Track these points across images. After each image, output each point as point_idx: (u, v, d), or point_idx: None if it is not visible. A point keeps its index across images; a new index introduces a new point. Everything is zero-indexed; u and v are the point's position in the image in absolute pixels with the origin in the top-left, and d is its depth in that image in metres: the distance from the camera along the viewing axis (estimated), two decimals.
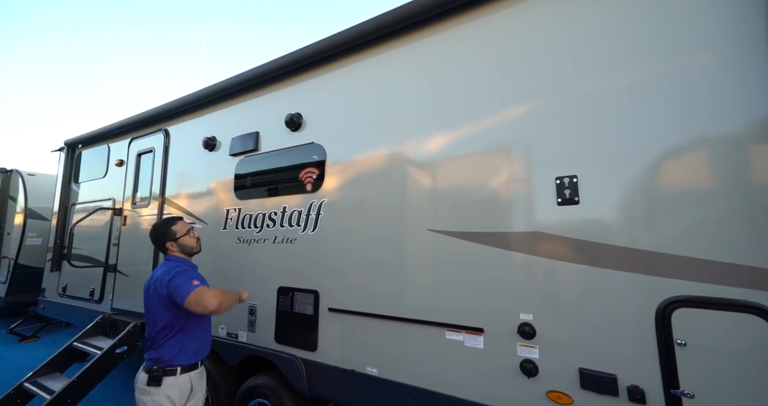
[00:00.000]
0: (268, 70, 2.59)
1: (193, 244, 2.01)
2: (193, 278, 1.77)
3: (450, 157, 1.84)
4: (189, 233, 2.01)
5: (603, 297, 1.39)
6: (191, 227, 2.04)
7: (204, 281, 1.90)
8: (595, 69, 1.54)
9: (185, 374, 1.75)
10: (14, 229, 5.52)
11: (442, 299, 1.75)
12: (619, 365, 1.33)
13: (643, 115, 1.41)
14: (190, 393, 1.77)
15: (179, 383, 1.72)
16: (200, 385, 1.88)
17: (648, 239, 1.34)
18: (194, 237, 2.03)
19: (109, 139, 4.09)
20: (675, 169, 1.34)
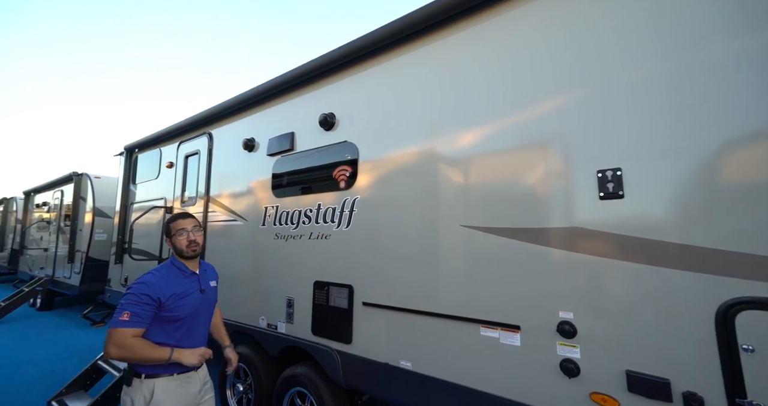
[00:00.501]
0: (302, 72, 2.67)
1: (182, 246, 1.76)
2: (127, 310, 1.52)
3: (483, 152, 1.80)
4: (180, 233, 1.77)
5: (653, 297, 1.30)
6: (185, 228, 1.79)
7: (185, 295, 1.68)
8: (644, 54, 1.43)
9: (150, 380, 1.58)
10: (85, 226, 6.19)
11: (476, 295, 1.73)
12: (672, 369, 1.24)
13: (701, 103, 1.29)
14: (149, 401, 1.55)
15: (141, 388, 1.57)
16: (171, 397, 1.60)
17: (706, 235, 1.23)
18: (186, 239, 1.76)
19: (160, 143, 4.44)
20: (739, 158, 1.22)
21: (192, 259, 1.82)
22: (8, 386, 3.64)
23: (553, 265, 1.53)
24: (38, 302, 7.22)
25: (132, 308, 1.53)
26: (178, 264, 1.79)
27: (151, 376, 1.59)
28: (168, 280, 1.69)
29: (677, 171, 1.31)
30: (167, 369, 1.62)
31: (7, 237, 10.28)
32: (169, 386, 1.62)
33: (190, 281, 1.78)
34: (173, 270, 1.76)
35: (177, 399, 1.62)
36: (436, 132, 1.99)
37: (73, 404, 2.76)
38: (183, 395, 1.65)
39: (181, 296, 1.68)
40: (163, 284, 1.65)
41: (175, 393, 1.62)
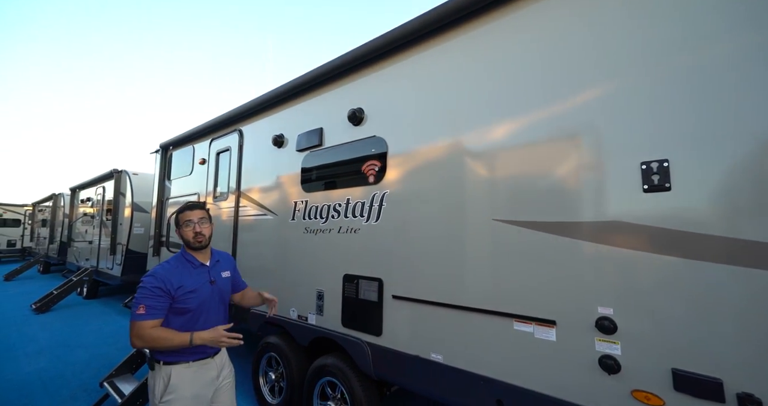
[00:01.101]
0: (330, 68, 2.70)
1: (188, 237, 1.77)
2: (145, 302, 1.58)
3: (516, 144, 1.77)
4: (187, 224, 1.78)
5: (702, 293, 1.25)
6: (192, 219, 1.79)
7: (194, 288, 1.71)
8: (695, 37, 1.35)
9: (167, 366, 1.66)
10: (125, 220, 6.58)
11: (509, 290, 1.71)
12: (725, 369, 1.19)
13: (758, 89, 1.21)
14: (167, 387, 1.62)
15: (161, 374, 1.66)
16: (190, 382, 1.67)
17: (762, 229, 1.16)
18: (192, 231, 1.77)
19: (193, 140, 4.63)
20: None
21: (200, 250, 1.83)
22: (65, 368, 3.97)
23: (591, 260, 1.49)
24: (85, 290, 7.77)
25: (146, 301, 1.59)
26: (187, 256, 1.81)
27: (168, 363, 1.66)
28: (177, 271, 1.72)
29: (731, 161, 1.23)
30: (183, 357, 1.68)
31: (56, 230, 11.09)
32: (185, 372, 1.68)
33: (198, 272, 1.79)
34: (182, 262, 1.78)
35: (193, 384, 1.68)
36: (467, 125, 1.97)
37: (122, 385, 2.98)
38: (199, 380, 1.71)
39: (189, 289, 1.70)
40: (172, 275, 1.68)
41: (191, 379, 1.68)
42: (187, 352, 1.68)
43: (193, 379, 1.69)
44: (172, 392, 1.63)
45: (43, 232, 12.87)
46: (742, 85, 1.24)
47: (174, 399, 1.62)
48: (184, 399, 1.64)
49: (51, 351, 4.50)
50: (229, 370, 1.92)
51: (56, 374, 3.78)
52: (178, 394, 1.63)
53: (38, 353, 4.42)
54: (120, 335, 5.17)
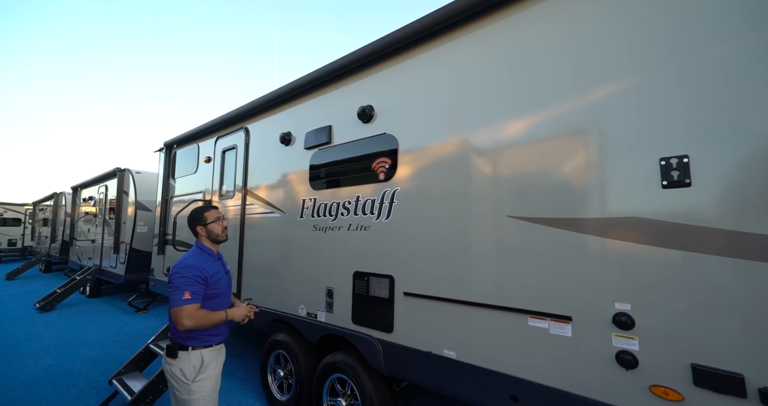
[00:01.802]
0: (340, 65, 2.70)
1: (218, 231, 2.05)
2: (189, 289, 1.78)
3: (531, 141, 1.77)
4: (218, 220, 2.07)
5: (723, 289, 1.25)
6: (220, 216, 2.10)
7: (220, 276, 1.96)
8: (714, 34, 1.34)
9: (197, 351, 1.85)
10: (128, 219, 6.58)
11: (523, 286, 1.72)
12: (746, 364, 1.19)
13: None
14: (200, 367, 1.84)
15: (190, 358, 1.83)
16: (215, 361, 1.93)
17: None
18: (221, 226, 2.07)
19: (198, 139, 4.62)
20: None
21: (220, 243, 2.12)
22: (72, 366, 3.98)
23: (608, 256, 1.49)
24: (88, 289, 7.77)
25: (190, 287, 1.81)
26: (206, 249, 2.04)
27: (198, 347, 1.88)
28: (205, 262, 1.96)
29: (753, 156, 1.24)
30: (212, 340, 1.93)
31: (57, 229, 11.08)
32: (212, 354, 1.93)
33: (217, 263, 2.06)
34: (204, 255, 2.01)
35: (217, 365, 1.96)
36: (481, 122, 1.97)
37: (131, 383, 2.98)
38: (220, 362, 2.00)
39: (218, 276, 1.97)
40: (204, 264, 1.92)
41: (216, 360, 1.95)
42: (213, 335, 1.94)
43: (216, 360, 1.96)
44: (205, 371, 1.86)
45: (44, 231, 12.85)
46: (758, 80, 1.24)
47: (206, 377, 1.86)
48: (211, 378, 1.89)
49: (57, 349, 4.51)
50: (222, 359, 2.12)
51: (64, 372, 3.78)
52: (208, 372, 1.88)
53: (44, 351, 4.42)
54: (125, 334, 5.17)
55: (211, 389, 1.88)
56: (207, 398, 1.86)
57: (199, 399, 1.83)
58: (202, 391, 1.84)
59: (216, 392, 1.93)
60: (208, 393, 1.86)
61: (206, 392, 1.85)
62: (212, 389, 1.89)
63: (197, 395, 1.82)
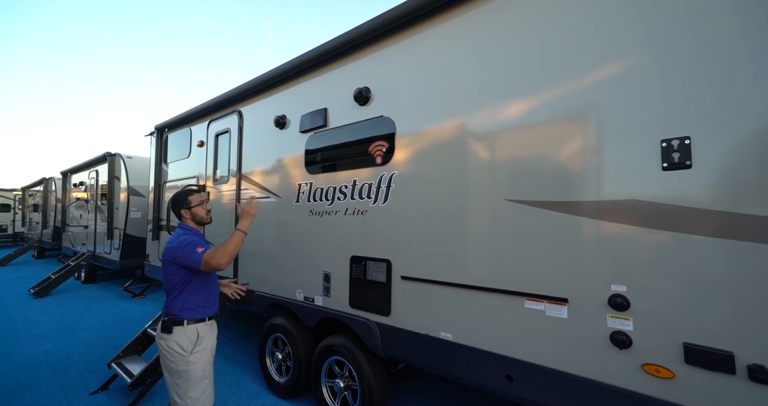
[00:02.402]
0: (335, 45, 2.61)
1: (203, 214, 2.11)
2: (197, 246, 1.92)
3: (531, 124, 1.74)
4: (202, 204, 2.12)
5: (720, 271, 1.26)
6: (204, 200, 2.16)
7: (206, 246, 2.04)
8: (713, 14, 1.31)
9: (192, 325, 1.95)
10: (120, 204, 6.48)
11: (521, 269, 1.73)
12: (737, 342, 1.22)
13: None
14: (197, 340, 1.94)
15: (186, 332, 1.92)
16: (209, 335, 2.03)
17: None
18: (205, 209, 2.13)
19: (190, 122, 4.51)
20: None
21: (204, 225, 2.18)
22: (70, 350, 3.99)
23: (606, 238, 1.50)
24: (83, 275, 7.74)
25: (199, 244, 1.94)
26: (191, 229, 2.10)
27: (193, 321, 1.97)
28: (195, 237, 2.05)
29: (753, 137, 1.22)
30: (205, 313, 2.03)
31: (48, 215, 10.92)
32: (206, 327, 2.02)
33: (206, 242, 2.11)
34: (190, 234, 2.07)
35: (211, 338, 2.07)
36: (480, 104, 1.93)
37: (130, 366, 3.01)
38: (213, 336, 2.10)
39: None
40: (196, 238, 2.03)
41: (210, 333, 2.05)
42: (205, 307, 2.04)
43: (210, 333, 2.06)
44: (201, 343, 1.96)
45: (35, 217, 12.67)
46: (760, 61, 1.22)
47: (203, 349, 1.96)
48: (207, 350, 1.99)
49: (54, 334, 4.52)
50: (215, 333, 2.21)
51: (62, 356, 3.80)
52: (204, 344, 1.97)
53: (42, 336, 4.43)
54: (122, 318, 5.19)
55: (207, 360, 1.98)
56: (205, 369, 1.96)
57: (197, 369, 1.92)
58: (199, 361, 1.93)
59: (211, 365, 2.02)
60: (204, 364, 1.96)
61: (203, 362, 1.95)
62: (208, 361, 1.99)
63: (195, 365, 1.91)
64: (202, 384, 1.94)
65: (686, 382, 1.31)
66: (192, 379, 1.91)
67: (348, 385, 2.54)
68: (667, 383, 1.34)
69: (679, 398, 1.32)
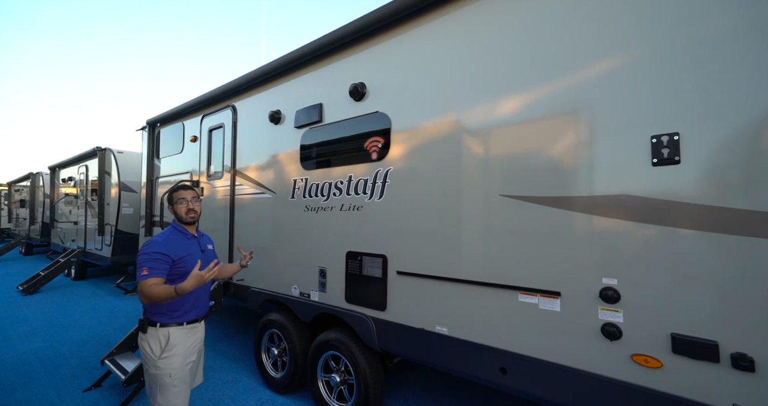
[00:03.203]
0: (330, 40, 2.59)
1: (181, 213, 2.00)
2: (147, 264, 1.77)
3: (525, 120, 1.76)
4: (182, 202, 2.01)
5: (706, 263, 1.30)
6: (186, 197, 2.02)
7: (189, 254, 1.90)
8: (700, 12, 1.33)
9: (164, 328, 1.86)
10: (112, 200, 6.39)
11: (515, 263, 1.76)
12: (721, 332, 1.27)
13: None
14: (166, 345, 1.83)
15: (157, 335, 1.84)
16: (184, 341, 1.89)
17: None
18: (186, 207, 2.00)
19: (182, 117, 4.45)
20: None
21: (190, 224, 2.07)
22: (61, 347, 3.95)
23: (598, 233, 1.53)
24: (73, 272, 7.63)
25: (147, 264, 1.79)
26: (179, 228, 2.04)
27: (165, 325, 1.87)
28: (172, 240, 1.94)
29: (740, 133, 1.26)
30: (179, 318, 1.91)
31: (36, 211, 10.71)
32: (180, 332, 1.90)
33: (191, 242, 2.03)
34: (175, 233, 2.00)
35: (187, 344, 1.93)
36: (475, 100, 1.94)
37: (123, 363, 2.99)
38: (191, 341, 1.96)
39: (184, 253, 1.92)
40: (168, 243, 1.90)
41: (185, 339, 1.92)
42: (182, 312, 1.91)
43: (187, 339, 1.93)
44: (171, 349, 1.85)
45: (21, 212, 12.41)
46: (747, 58, 1.25)
47: (172, 355, 1.85)
48: (179, 356, 1.87)
49: (45, 331, 4.45)
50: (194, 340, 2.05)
51: (53, 354, 3.76)
52: (175, 350, 1.86)
53: (32, 334, 4.37)
54: (114, 315, 5.14)
55: (177, 367, 1.85)
56: (173, 376, 1.84)
57: (164, 375, 1.82)
58: (167, 368, 1.82)
59: (184, 371, 1.88)
60: (174, 371, 1.83)
61: (172, 369, 1.83)
62: (178, 368, 1.85)
63: (162, 371, 1.82)
64: (170, 392, 1.83)
65: (673, 371, 1.35)
66: (159, 385, 1.83)
67: (344, 379, 2.56)
68: (655, 373, 1.39)
69: (666, 386, 1.36)
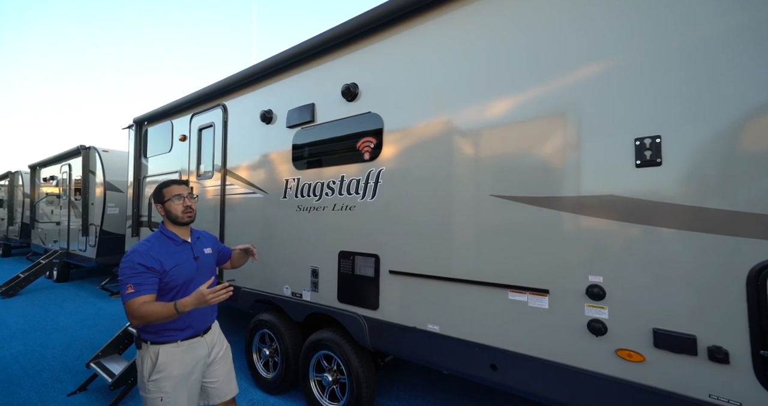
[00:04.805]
0: (323, 40, 2.60)
1: (177, 212, 1.74)
2: (129, 283, 1.53)
3: (515, 121, 1.80)
4: (179, 197, 1.75)
5: (685, 260, 1.36)
6: (183, 193, 1.77)
7: (180, 264, 1.68)
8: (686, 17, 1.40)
9: (155, 346, 1.64)
10: (96, 200, 6.23)
11: (505, 262, 1.80)
12: (699, 326, 1.33)
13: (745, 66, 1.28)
14: (153, 367, 1.61)
15: (148, 353, 1.64)
16: (178, 361, 1.65)
17: (742, 199, 1.27)
18: (183, 204, 1.75)
19: (171, 115, 4.38)
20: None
21: (185, 226, 1.80)
22: (44, 351, 3.84)
23: (585, 232, 1.58)
24: (55, 274, 7.41)
25: (131, 280, 1.54)
26: (168, 233, 1.75)
27: (155, 343, 1.65)
28: (157, 249, 1.67)
29: (717, 136, 1.32)
30: (172, 336, 1.66)
31: (15, 211, 10.36)
32: (174, 352, 1.65)
33: (181, 249, 1.75)
34: (163, 239, 1.73)
35: (183, 364, 1.67)
36: (466, 101, 1.98)
37: (110, 365, 2.93)
38: (189, 359, 1.70)
39: (173, 264, 1.66)
40: (153, 252, 1.63)
41: (180, 358, 1.66)
42: (176, 330, 1.67)
43: (182, 358, 1.68)
44: (161, 371, 1.61)
45: (0, 213, 11.98)
46: (725, 64, 1.32)
47: (162, 378, 1.61)
48: (172, 378, 1.63)
49: (25, 335, 4.32)
50: (221, 347, 1.90)
51: (35, 358, 3.65)
52: (166, 372, 1.62)
53: (11, 337, 4.24)
54: (99, 318, 5.02)
55: (170, 389, 1.61)
56: (166, 400, 1.60)
57: (155, 400, 1.60)
58: (157, 391, 1.60)
59: (180, 393, 1.64)
60: (166, 395, 1.61)
61: (163, 393, 1.60)
62: (172, 390, 1.62)
63: (152, 395, 1.60)
64: None
65: (655, 365, 1.41)
66: None
67: (336, 379, 2.57)
68: (638, 367, 1.44)
69: (648, 380, 1.42)
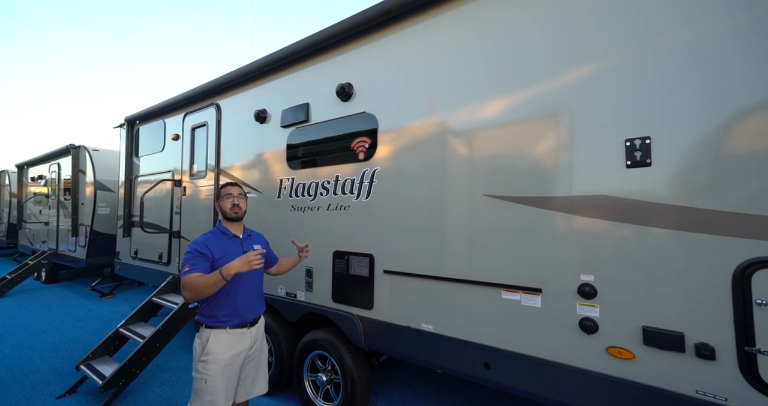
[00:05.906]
0: (317, 40, 2.60)
1: (225, 208, 2.03)
2: (190, 261, 1.81)
3: (509, 122, 1.82)
4: (228, 197, 2.03)
5: (674, 259, 1.39)
6: (232, 193, 2.05)
7: (229, 255, 1.87)
8: (675, 22, 1.43)
9: (207, 330, 1.85)
10: (87, 199, 6.13)
11: (498, 261, 1.82)
12: (687, 324, 1.36)
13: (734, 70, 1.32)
14: (204, 348, 1.81)
15: (201, 336, 1.86)
16: (225, 347, 1.83)
17: (730, 199, 1.30)
18: (230, 202, 2.02)
19: (163, 114, 4.33)
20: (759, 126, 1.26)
21: (235, 221, 2.07)
22: (32, 353, 3.76)
23: (576, 231, 1.60)
24: (43, 275, 7.27)
25: (189, 261, 1.83)
26: (222, 228, 2.05)
27: (209, 327, 1.86)
28: (211, 240, 1.96)
29: (705, 138, 1.35)
30: (222, 322, 1.87)
31: (2, 211, 10.15)
32: (222, 337, 1.85)
33: (232, 242, 2.01)
34: (217, 233, 2.03)
35: (227, 350, 1.84)
36: (460, 102, 1.99)
37: (101, 367, 2.89)
38: (234, 347, 1.87)
39: (222, 254, 1.90)
40: (207, 242, 1.92)
41: (226, 345, 1.85)
42: (225, 316, 1.87)
43: (228, 346, 1.86)
44: (209, 354, 1.81)
45: None
46: (711, 67, 1.35)
47: (209, 360, 1.80)
48: (217, 362, 1.81)
49: (12, 337, 4.23)
50: (261, 343, 2.06)
51: (22, 360, 3.58)
52: (212, 356, 1.81)
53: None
54: (90, 319, 4.94)
55: (216, 373, 1.78)
56: (209, 383, 1.77)
57: (201, 380, 1.79)
58: (204, 372, 1.79)
59: (224, 380, 1.80)
60: (211, 378, 1.77)
61: (209, 375, 1.77)
62: (218, 375, 1.78)
63: (200, 375, 1.79)
64: (204, 400, 1.76)
65: (644, 362, 1.44)
66: (195, 389, 1.81)
67: (330, 378, 2.56)
68: (628, 364, 1.47)
69: (638, 376, 1.45)
